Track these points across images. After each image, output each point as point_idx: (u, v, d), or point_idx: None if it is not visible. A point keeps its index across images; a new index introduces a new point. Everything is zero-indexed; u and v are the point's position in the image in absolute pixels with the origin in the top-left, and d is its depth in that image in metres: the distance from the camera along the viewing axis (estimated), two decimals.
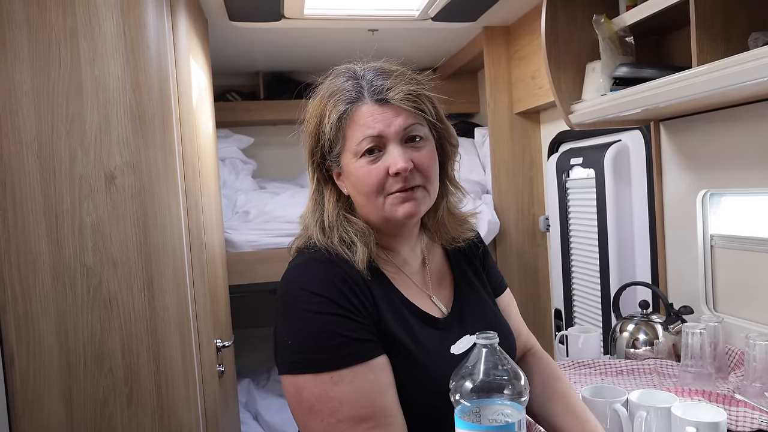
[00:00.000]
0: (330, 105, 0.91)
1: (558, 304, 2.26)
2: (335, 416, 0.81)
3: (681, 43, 1.54)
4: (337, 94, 0.91)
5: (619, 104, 1.38)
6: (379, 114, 0.88)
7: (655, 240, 1.74)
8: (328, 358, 0.82)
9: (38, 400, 1.37)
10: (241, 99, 3.02)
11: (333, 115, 0.90)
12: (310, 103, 0.95)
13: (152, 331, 1.43)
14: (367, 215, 0.95)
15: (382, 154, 0.89)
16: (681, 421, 0.99)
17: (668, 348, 1.49)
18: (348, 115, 0.89)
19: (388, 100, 0.89)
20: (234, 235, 2.36)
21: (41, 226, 1.35)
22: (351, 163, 0.90)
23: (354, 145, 0.89)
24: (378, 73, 0.91)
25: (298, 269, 0.91)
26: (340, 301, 0.85)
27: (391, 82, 0.89)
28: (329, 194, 0.96)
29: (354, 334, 0.84)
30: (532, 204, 2.58)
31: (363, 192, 0.91)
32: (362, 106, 0.89)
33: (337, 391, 0.81)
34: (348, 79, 0.92)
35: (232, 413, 2.12)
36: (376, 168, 0.89)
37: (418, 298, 0.97)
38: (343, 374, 0.82)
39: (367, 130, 0.88)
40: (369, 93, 0.89)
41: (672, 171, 1.64)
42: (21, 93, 1.33)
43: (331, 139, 0.91)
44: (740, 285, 1.47)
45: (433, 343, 0.92)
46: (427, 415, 0.88)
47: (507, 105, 2.53)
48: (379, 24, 2.28)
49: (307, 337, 0.84)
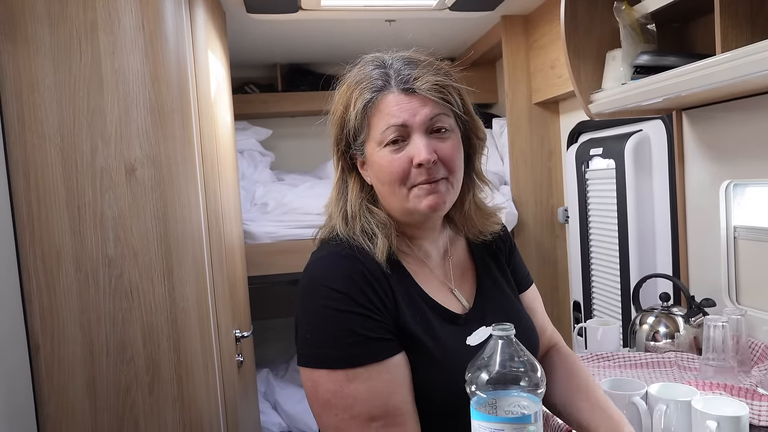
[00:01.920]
0: (356, 93, 0.90)
1: (577, 296, 2.24)
2: (348, 412, 0.82)
3: (704, 30, 1.51)
4: (364, 82, 0.90)
5: (641, 93, 1.35)
6: (405, 103, 0.87)
7: (676, 231, 1.71)
8: (344, 355, 0.83)
9: (63, 388, 1.40)
10: (259, 91, 3.03)
11: (359, 102, 0.89)
12: (336, 92, 0.95)
13: (172, 321, 1.45)
14: (389, 206, 0.94)
15: (406, 144, 0.88)
16: (702, 415, 0.98)
17: (689, 341, 1.47)
18: (373, 104, 0.89)
19: (414, 90, 0.87)
20: (252, 226, 2.37)
21: (64, 218, 1.38)
22: (375, 152, 0.90)
23: (378, 133, 0.89)
24: (406, 62, 0.90)
25: (320, 263, 0.91)
26: (359, 299, 0.84)
27: (418, 72, 0.88)
28: (353, 183, 0.96)
29: (371, 332, 0.84)
30: (551, 195, 2.55)
31: (386, 182, 0.90)
32: (388, 94, 0.88)
33: (352, 389, 0.82)
34: (375, 68, 0.91)
35: (251, 402, 2.15)
36: (399, 158, 0.88)
37: (438, 292, 0.96)
38: (358, 372, 0.82)
39: (392, 119, 0.87)
40: (396, 82, 0.89)
41: (695, 161, 1.60)
42: (43, 87, 1.35)
43: (356, 127, 0.91)
44: (764, 277, 1.44)
45: (453, 339, 0.91)
46: (444, 412, 0.88)
47: (526, 95, 2.50)
48: (396, 14, 2.27)
49: (324, 334, 0.84)
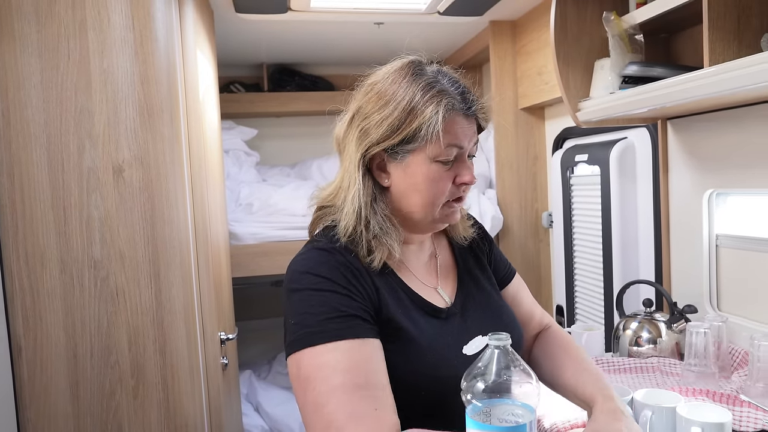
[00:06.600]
0: (427, 106, 0.89)
1: (560, 300, 2.27)
2: (327, 384, 0.80)
3: (691, 42, 1.54)
4: (444, 95, 0.90)
5: (629, 103, 1.37)
6: (467, 127, 0.94)
7: (659, 238, 1.74)
8: (325, 330, 0.84)
9: (45, 392, 1.37)
10: (245, 91, 3.01)
11: (435, 113, 0.89)
12: (382, 94, 0.92)
13: (158, 323, 1.44)
14: (409, 212, 0.96)
15: (453, 163, 0.94)
16: (686, 422, 1.00)
17: (671, 347, 1.50)
18: (445, 120, 0.90)
19: (475, 117, 0.95)
20: (237, 227, 2.36)
21: (49, 219, 1.35)
22: (424, 162, 0.92)
23: (439, 149, 0.91)
24: (458, 84, 0.95)
25: (302, 257, 0.94)
26: (340, 281, 0.88)
27: (477, 100, 0.95)
28: (368, 182, 0.95)
29: (351, 310, 0.86)
30: (536, 200, 2.58)
31: (427, 193, 0.94)
32: (458, 116, 0.92)
33: (331, 358, 0.82)
34: (435, 82, 0.92)
35: (234, 405, 2.13)
36: (448, 176, 0.94)
37: (422, 288, 0.99)
38: (339, 344, 0.83)
39: (456, 140, 0.92)
40: (461, 105, 0.92)
41: (678, 170, 1.64)
42: (30, 85, 1.32)
43: (420, 137, 0.90)
44: (745, 285, 1.47)
45: (435, 331, 0.94)
46: (429, 402, 0.90)
47: (512, 100, 2.52)
48: (385, 17, 2.27)
49: (307, 314, 0.86)
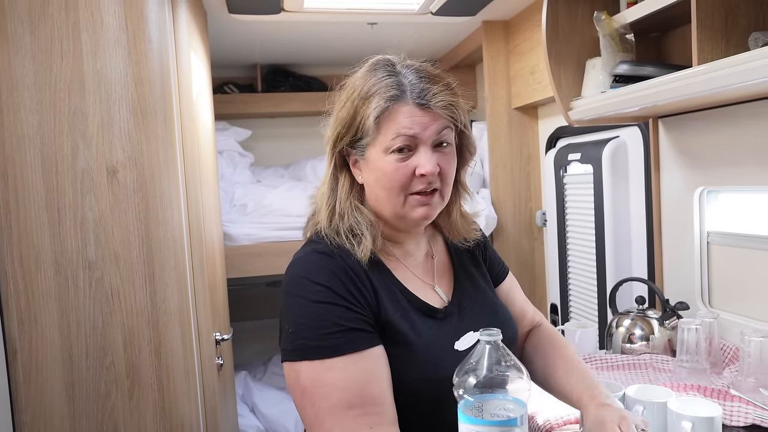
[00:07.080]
0: (371, 98, 0.92)
1: (554, 299, 2.28)
2: (326, 401, 0.83)
3: (681, 41, 1.55)
4: (379, 89, 0.92)
5: (620, 102, 1.39)
6: (419, 116, 0.91)
7: (651, 236, 1.76)
8: (323, 345, 0.85)
9: (41, 394, 1.37)
10: (239, 91, 3.01)
11: (372, 108, 0.91)
12: (343, 92, 0.97)
13: (153, 324, 1.44)
14: (379, 207, 0.97)
15: (411, 154, 0.92)
16: (677, 416, 1.01)
17: (664, 343, 1.51)
18: (388, 111, 0.91)
19: (429, 106, 0.91)
20: (232, 228, 2.36)
21: (43, 220, 1.35)
22: (379, 156, 0.92)
23: (387, 140, 0.91)
24: (420, 75, 0.94)
25: (301, 261, 0.94)
26: (339, 291, 0.87)
27: (434, 89, 0.92)
28: (344, 180, 0.99)
29: (350, 323, 0.86)
30: (530, 199, 2.59)
31: (386, 187, 0.93)
32: (403, 105, 0.91)
33: (329, 377, 0.84)
34: (388, 75, 0.93)
35: (230, 406, 2.13)
36: (404, 166, 0.92)
37: (419, 288, 1.00)
38: (336, 361, 0.84)
39: (403, 130, 0.91)
40: (412, 95, 0.91)
41: (670, 168, 1.65)
42: (23, 87, 1.32)
43: (365, 130, 0.93)
44: (735, 282, 1.49)
45: (432, 332, 0.95)
46: (427, 404, 0.90)
47: (505, 100, 2.53)
48: (378, 18, 2.28)
49: (305, 326, 0.86)
